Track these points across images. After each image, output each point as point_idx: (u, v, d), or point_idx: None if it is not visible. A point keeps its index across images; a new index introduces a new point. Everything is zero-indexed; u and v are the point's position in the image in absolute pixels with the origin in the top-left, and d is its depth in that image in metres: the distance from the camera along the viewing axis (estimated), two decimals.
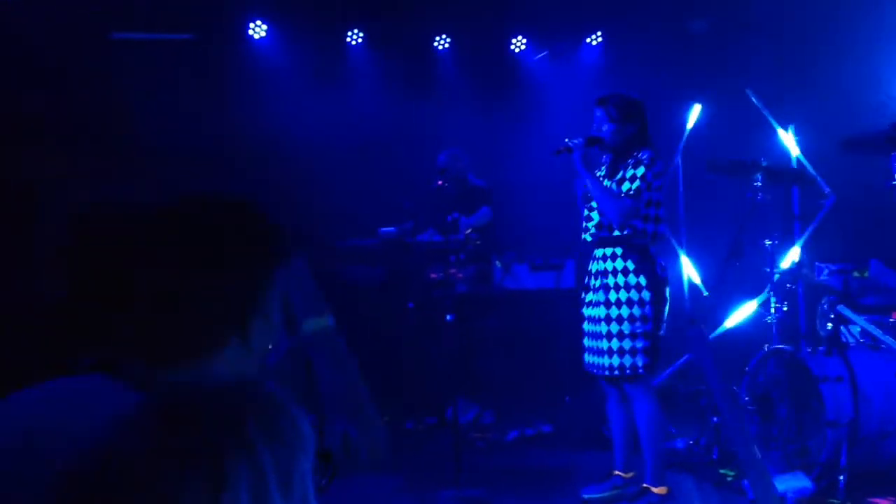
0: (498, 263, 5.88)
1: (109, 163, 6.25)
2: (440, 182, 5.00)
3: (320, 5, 7.50)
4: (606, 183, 4.31)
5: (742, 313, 5.24)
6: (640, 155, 4.21)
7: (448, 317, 4.75)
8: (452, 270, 5.79)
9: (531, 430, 5.95)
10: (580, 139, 4.30)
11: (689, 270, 6.66)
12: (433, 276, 5.94)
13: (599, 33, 7.95)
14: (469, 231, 5.74)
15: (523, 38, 8.02)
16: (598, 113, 4.33)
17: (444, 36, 7.98)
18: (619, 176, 4.26)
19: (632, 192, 4.15)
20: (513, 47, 8.05)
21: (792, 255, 5.66)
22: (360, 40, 7.82)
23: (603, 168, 4.45)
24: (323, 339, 1.67)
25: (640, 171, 4.17)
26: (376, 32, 7.83)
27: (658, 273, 4.23)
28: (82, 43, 6.35)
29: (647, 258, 4.23)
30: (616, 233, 4.24)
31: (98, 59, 6.58)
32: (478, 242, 5.80)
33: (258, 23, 7.48)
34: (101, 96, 6.48)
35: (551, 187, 7.08)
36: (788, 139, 6.70)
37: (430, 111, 7.50)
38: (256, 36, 7.51)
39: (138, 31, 6.86)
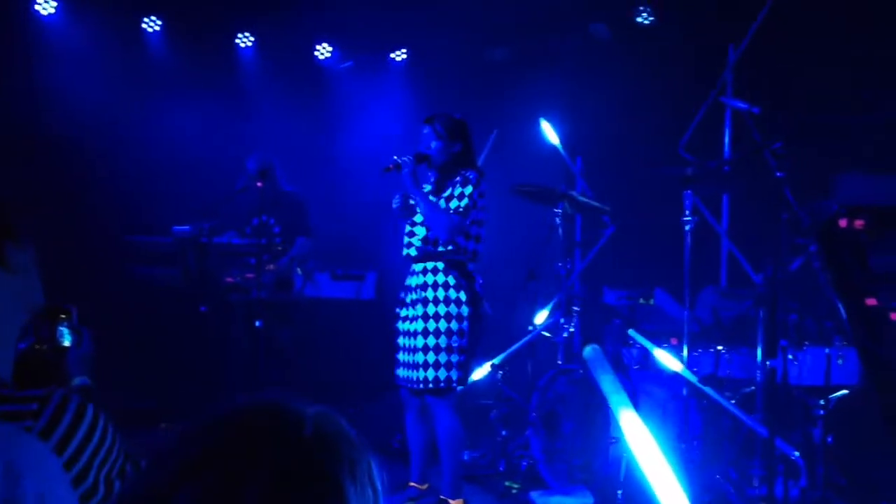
0: (299, 270, 5.80)
1: None
2: (259, 184, 4.85)
3: None
4: (432, 199, 4.38)
5: (534, 333, 5.49)
6: (467, 174, 4.33)
7: (257, 323, 4.61)
8: (250, 275, 5.65)
9: None
10: (409, 156, 4.35)
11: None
12: (229, 279, 5.76)
13: (405, 50, 8.07)
14: (281, 248, 5.63)
15: (329, 45, 7.99)
16: (426, 130, 4.42)
17: (247, 34, 7.79)
18: (446, 193, 4.34)
19: (460, 210, 4.25)
20: (317, 54, 7.99)
21: (572, 281, 6.00)
22: (157, 28, 7.48)
23: (428, 186, 4.53)
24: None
25: (469, 189, 4.28)
26: (175, 22, 7.52)
27: (477, 290, 4.34)
28: None
29: (467, 275, 4.33)
30: (440, 248, 4.31)
31: None
32: (280, 248, 5.69)
33: None
34: None
35: (356, 197, 7.11)
36: (575, 169, 7.12)
37: (231, 109, 7.30)
38: (44, 12, 6.99)
39: None
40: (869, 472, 4.43)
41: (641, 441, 1.55)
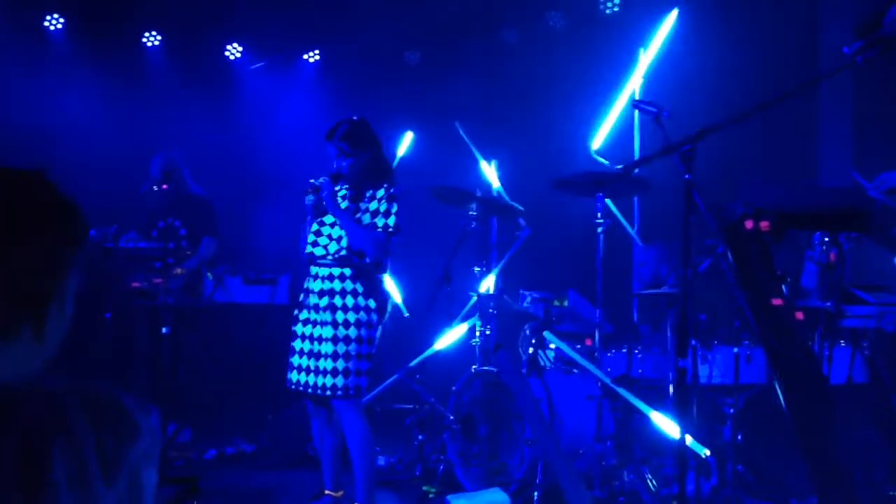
0: (209, 275, 5.65)
1: None
2: (164, 186, 4.70)
3: None
4: (345, 205, 4.30)
5: (451, 336, 5.47)
6: (392, 190, 4.27)
7: (164, 329, 4.45)
8: (158, 280, 5.48)
9: (231, 448, 5.78)
10: (326, 178, 4.28)
11: (392, 292, 6.83)
12: (135, 284, 5.57)
13: (317, 51, 7.98)
14: (189, 253, 5.49)
15: (238, 45, 7.85)
16: (330, 150, 4.34)
17: (154, 32, 7.60)
18: (371, 207, 4.25)
19: (390, 229, 4.22)
20: (227, 54, 7.84)
21: (488, 282, 6.00)
22: (59, 26, 7.23)
23: (344, 189, 4.41)
24: None
25: (395, 206, 4.24)
26: (78, 19, 7.28)
27: (383, 297, 4.29)
28: None
29: (375, 282, 4.28)
30: (367, 260, 4.24)
31: None
32: (188, 252, 5.54)
33: None
34: None
35: (269, 199, 6.99)
36: (491, 173, 7.13)
37: (138, 110, 7.10)
38: None
39: None
40: (777, 470, 4.55)
41: None
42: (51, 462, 0.95)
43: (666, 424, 4.40)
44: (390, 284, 6.70)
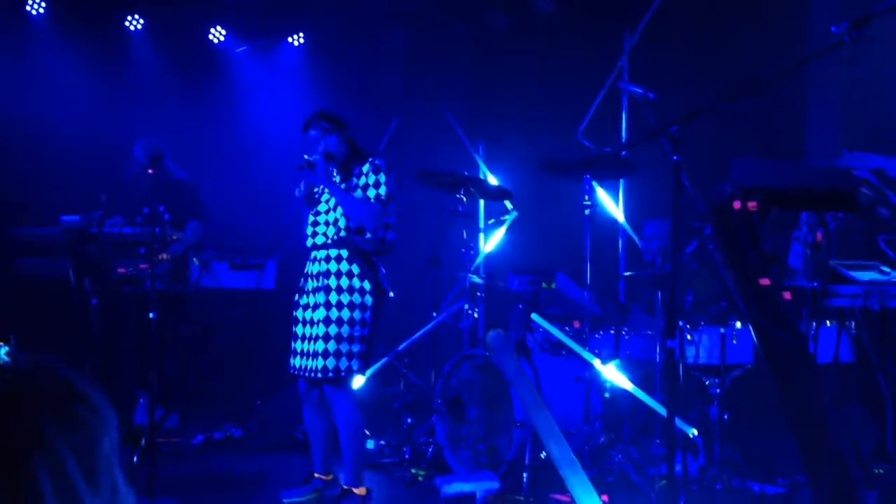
0: (195, 261, 5.62)
1: None
2: (150, 171, 4.68)
3: None
4: (344, 186, 4.31)
5: (438, 318, 5.47)
6: (377, 161, 4.27)
7: (151, 315, 4.41)
8: (143, 266, 5.45)
9: (220, 433, 5.76)
10: (319, 154, 4.27)
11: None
12: (121, 270, 5.53)
13: (302, 35, 7.92)
14: (175, 238, 5.45)
15: (222, 28, 7.78)
16: (312, 134, 4.33)
17: (136, 16, 7.52)
18: (361, 182, 4.25)
19: (382, 198, 4.21)
20: (211, 37, 7.77)
21: (476, 265, 6.00)
22: (41, 10, 7.15)
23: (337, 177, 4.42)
24: None
25: (382, 177, 4.23)
26: (60, 3, 7.21)
27: (380, 279, 4.28)
28: None
29: (371, 264, 4.27)
30: (357, 237, 4.23)
31: None
32: (175, 238, 5.51)
33: None
34: None
35: (255, 184, 6.96)
36: (478, 156, 7.12)
37: (121, 95, 7.04)
38: None
39: None
40: (764, 449, 4.57)
41: None
42: (35, 476, 0.93)
43: (653, 404, 4.42)
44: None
